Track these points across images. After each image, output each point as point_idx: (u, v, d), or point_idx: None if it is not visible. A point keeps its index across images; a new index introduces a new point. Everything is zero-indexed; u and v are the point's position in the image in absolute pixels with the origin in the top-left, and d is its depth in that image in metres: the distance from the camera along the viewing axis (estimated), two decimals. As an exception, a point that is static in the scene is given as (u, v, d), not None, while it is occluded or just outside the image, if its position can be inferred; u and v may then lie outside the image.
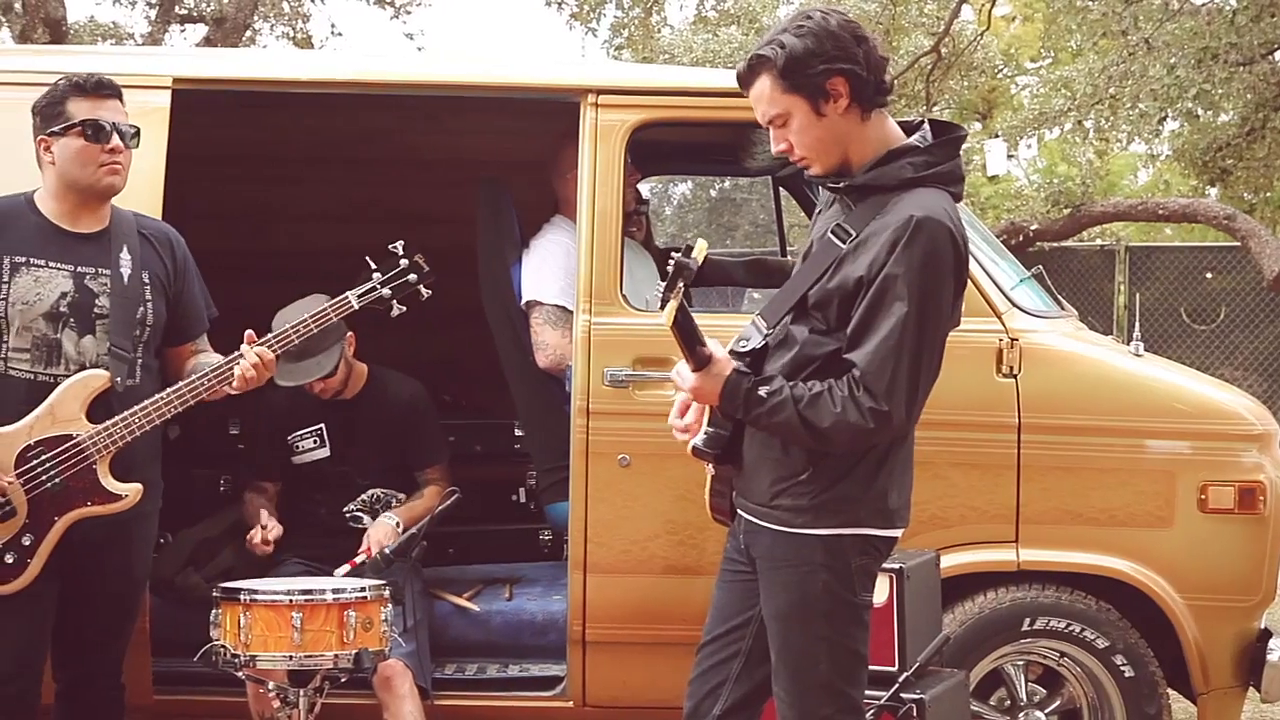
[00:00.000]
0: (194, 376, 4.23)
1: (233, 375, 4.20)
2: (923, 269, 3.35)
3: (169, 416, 4.20)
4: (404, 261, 4.37)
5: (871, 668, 4.20)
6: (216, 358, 4.32)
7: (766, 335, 3.53)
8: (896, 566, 4.29)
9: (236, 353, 4.22)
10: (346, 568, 4.70)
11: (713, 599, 3.76)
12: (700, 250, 3.32)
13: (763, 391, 3.39)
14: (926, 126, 3.55)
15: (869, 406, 3.34)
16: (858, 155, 3.49)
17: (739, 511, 3.64)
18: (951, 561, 4.73)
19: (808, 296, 3.47)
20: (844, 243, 3.44)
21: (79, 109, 4.20)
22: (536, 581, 5.65)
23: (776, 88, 3.42)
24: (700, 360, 3.42)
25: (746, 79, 3.48)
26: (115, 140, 4.22)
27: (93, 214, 4.29)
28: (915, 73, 16.25)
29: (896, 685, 4.19)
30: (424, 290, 4.39)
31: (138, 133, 4.32)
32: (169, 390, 4.19)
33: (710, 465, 3.66)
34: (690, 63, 16.37)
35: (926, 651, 4.34)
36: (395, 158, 6.52)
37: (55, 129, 4.21)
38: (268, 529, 4.97)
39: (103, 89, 4.25)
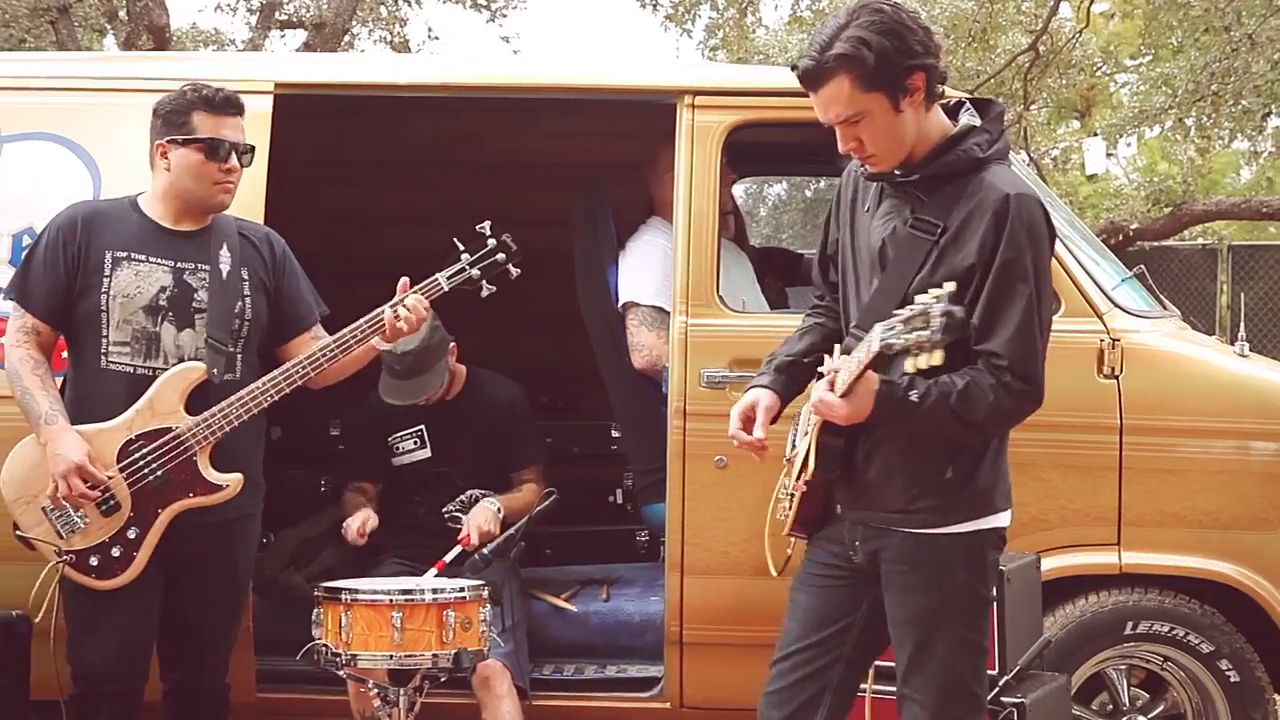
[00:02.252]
0: (324, 344, 4.26)
1: (384, 322, 4.22)
2: (1032, 245, 3.35)
3: (266, 405, 4.24)
4: (491, 241, 4.36)
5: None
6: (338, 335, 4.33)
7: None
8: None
9: (378, 313, 4.24)
10: (434, 570, 4.72)
11: (795, 607, 3.69)
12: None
13: (913, 396, 3.31)
14: (969, 105, 3.53)
15: (1021, 390, 3.34)
16: (921, 146, 3.44)
17: (849, 520, 3.57)
18: (1052, 564, 4.68)
19: (909, 295, 3.37)
20: (932, 234, 3.39)
21: (203, 124, 4.25)
22: (634, 582, 5.65)
23: (857, 87, 3.32)
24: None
25: (818, 79, 3.34)
26: (233, 160, 4.28)
27: (194, 219, 4.36)
28: (1013, 71, 16.08)
29: (997, 689, 4.15)
30: (513, 269, 4.37)
31: (252, 150, 4.38)
32: (264, 379, 4.23)
33: (801, 481, 3.58)
34: (785, 63, 16.26)
35: (1027, 655, 4.29)
36: (492, 160, 6.55)
37: (176, 138, 4.26)
38: (363, 520, 5.02)
39: (229, 106, 4.30)
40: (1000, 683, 4.17)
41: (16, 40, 15.90)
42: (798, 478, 3.58)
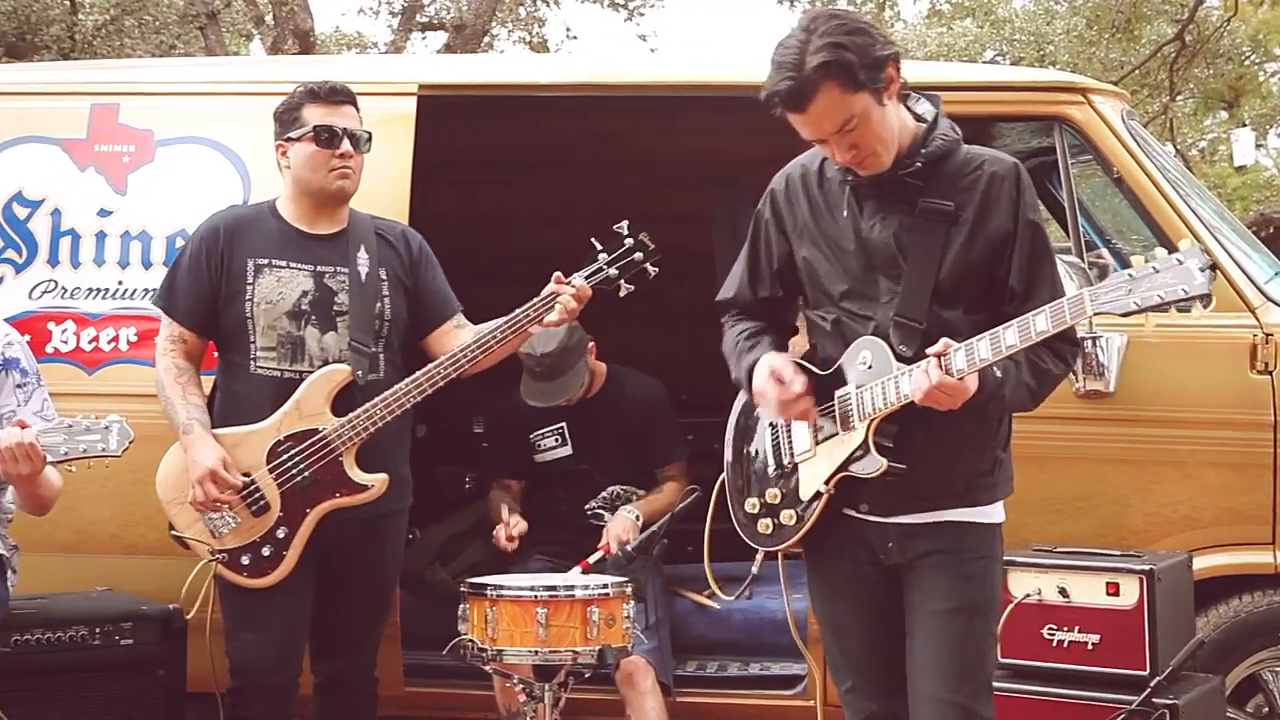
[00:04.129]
0: (464, 344, 4.29)
1: (555, 305, 4.25)
2: (1039, 208, 3.47)
3: (410, 406, 4.28)
4: (629, 240, 4.36)
5: (1121, 671, 4.13)
6: (489, 325, 4.37)
7: (924, 329, 3.40)
8: (1146, 568, 4.19)
9: (551, 291, 4.27)
10: (578, 569, 4.75)
11: (843, 627, 3.63)
12: None
13: (999, 373, 3.31)
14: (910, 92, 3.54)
15: (1071, 352, 3.40)
16: (904, 137, 3.44)
17: (877, 522, 3.51)
18: (1205, 563, 4.58)
19: (940, 280, 3.40)
20: (946, 215, 3.40)
21: (313, 115, 4.32)
22: (776, 579, 5.62)
23: (845, 91, 3.29)
24: None
25: (805, 95, 3.30)
26: (345, 145, 4.32)
27: (330, 217, 4.42)
28: (1158, 61, 15.83)
29: (1148, 690, 4.08)
30: (650, 268, 4.37)
31: (370, 138, 4.42)
32: (408, 381, 4.27)
33: (831, 485, 3.49)
34: (924, 57, 16.21)
35: (1179, 656, 4.21)
36: (631, 159, 6.56)
37: (291, 134, 4.34)
38: (511, 525, 5.05)
39: (336, 95, 4.36)
40: (1152, 684, 4.10)
41: (166, 46, 16.28)
42: (827, 481, 3.50)
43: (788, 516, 3.61)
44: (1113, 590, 4.23)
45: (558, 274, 4.30)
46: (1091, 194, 5.79)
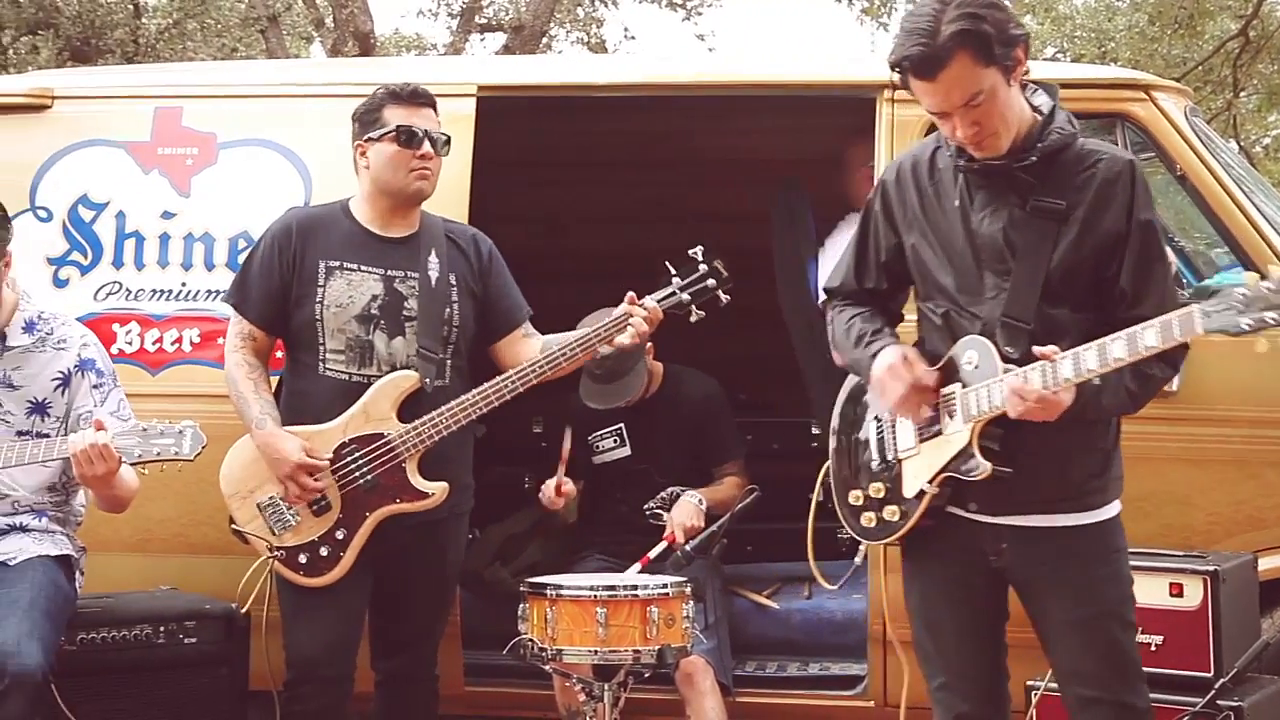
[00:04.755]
0: (534, 360, 4.29)
1: (627, 328, 4.24)
2: (1153, 207, 3.41)
3: (475, 417, 4.30)
4: (703, 266, 4.36)
5: (1184, 673, 4.10)
6: (557, 338, 4.38)
7: (1031, 330, 3.38)
8: (1210, 569, 4.16)
9: (625, 312, 4.27)
10: (638, 566, 4.75)
11: (941, 628, 3.61)
12: None
13: (1097, 380, 3.27)
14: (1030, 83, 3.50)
15: (1177, 353, 3.32)
16: (1020, 129, 3.40)
17: (988, 524, 3.49)
18: (1270, 564, 4.53)
19: (1050, 276, 3.37)
20: (1057, 212, 3.37)
21: (394, 116, 4.35)
22: (835, 579, 5.61)
23: (978, 63, 3.26)
24: None
25: (938, 63, 3.27)
26: (426, 146, 4.35)
27: (403, 219, 4.44)
28: (1221, 57, 15.68)
29: (1213, 692, 4.05)
30: (723, 296, 4.37)
31: (448, 140, 4.45)
32: (475, 393, 4.28)
33: (935, 484, 3.49)
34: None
35: (1244, 658, 4.17)
36: (690, 159, 6.57)
37: (371, 135, 4.36)
38: (562, 483, 5.06)
39: (418, 98, 4.39)
40: (1216, 686, 4.06)
41: (228, 49, 16.42)
42: (931, 480, 3.49)
43: (891, 512, 3.60)
44: (1176, 591, 4.20)
45: (631, 294, 4.31)
46: (1154, 192, 5.74)
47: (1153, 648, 4.18)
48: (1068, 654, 3.47)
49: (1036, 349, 3.26)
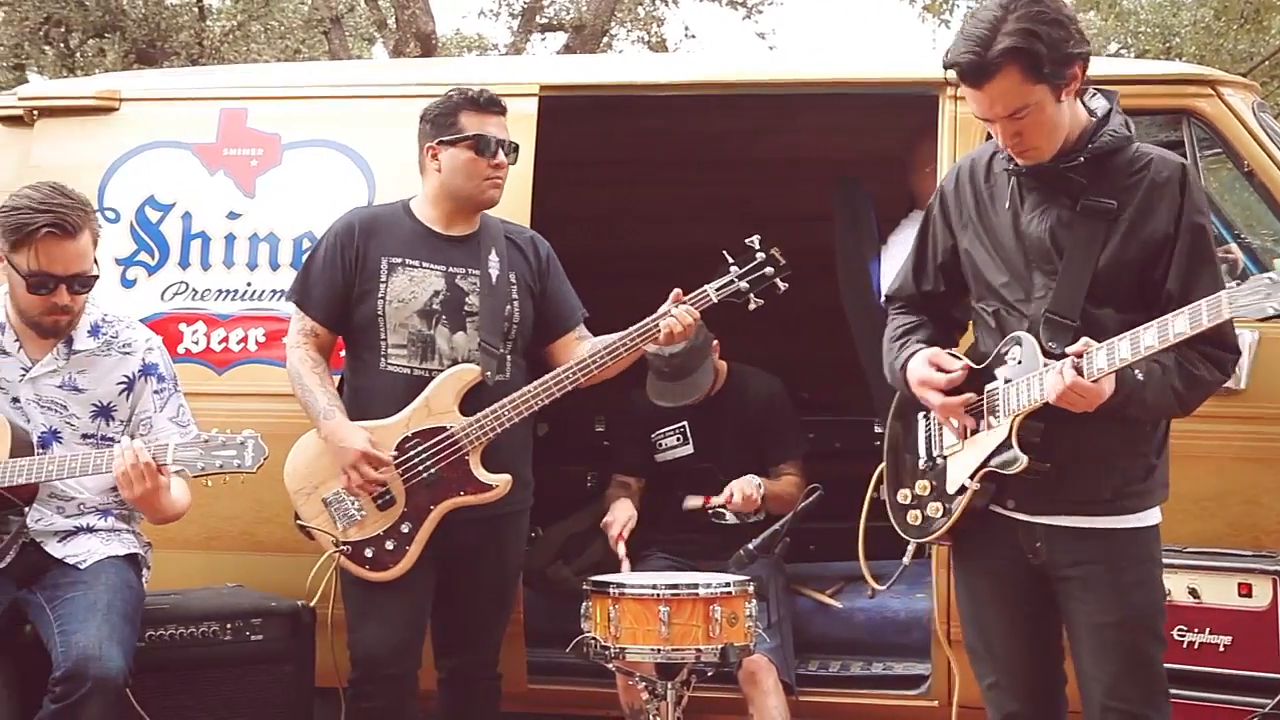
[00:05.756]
0: (596, 350, 4.33)
1: (659, 329, 4.28)
2: (1206, 211, 3.41)
3: (537, 409, 4.32)
4: (760, 255, 4.36)
5: (1253, 674, 4.06)
6: (608, 339, 4.40)
7: (1076, 327, 3.38)
8: (1278, 569, 4.11)
9: (658, 313, 4.30)
10: (698, 500, 4.76)
11: (988, 625, 3.62)
12: None
13: (1139, 375, 3.27)
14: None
15: (1227, 359, 3.34)
16: (1073, 132, 3.41)
17: (1025, 522, 3.49)
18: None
19: (1097, 276, 3.37)
20: (1108, 213, 3.37)
21: (470, 123, 4.37)
22: (900, 579, 5.59)
23: (1026, 80, 3.28)
24: None
25: (985, 74, 3.29)
26: (500, 156, 4.38)
27: (465, 220, 4.47)
28: (1289, 52, 15.50)
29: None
30: (780, 284, 4.37)
31: (517, 148, 4.48)
32: (536, 384, 4.31)
33: (977, 480, 3.49)
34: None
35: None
36: (751, 158, 6.56)
37: (445, 138, 4.38)
38: (625, 525, 5.07)
39: (493, 106, 4.42)
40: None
41: (292, 51, 16.55)
42: (972, 475, 3.49)
43: (934, 509, 3.62)
44: (1245, 591, 4.16)
45: (677, 291, 4.31)
46: (1220, 188, 5.69)
47: (1220, 648, 4.15)
48: (1091, 659, 3.45)
49: (1069, 349, 3.27)
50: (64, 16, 15.87)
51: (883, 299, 3.92)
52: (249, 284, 5.14)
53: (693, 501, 5.00)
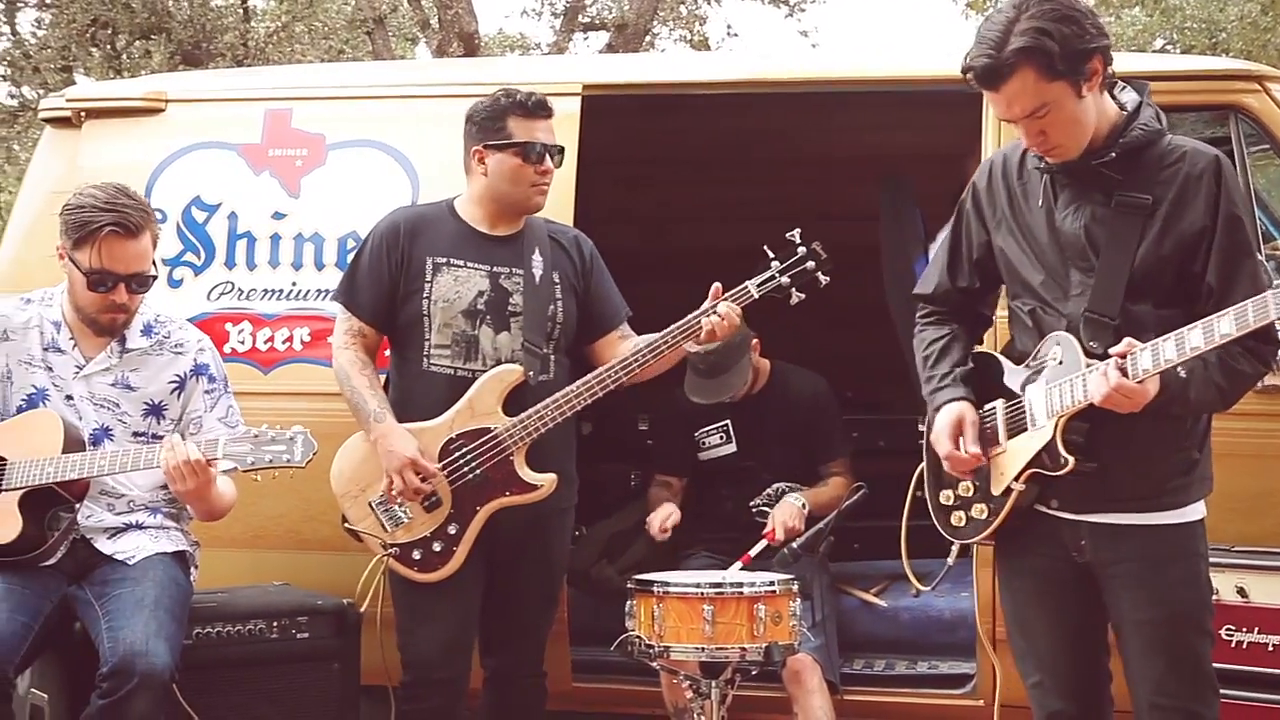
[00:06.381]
0: (638, 348, 4.32)
1: (700, 327, 4.27)
2: (1244, 203, 3.38)
3: (580, 408, 4.32)
4: (802, 249, 4.34)
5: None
6: (649, 338, 4.40)
7: (1116, 325, 3.36)
8: (1328, 563, 4.10)
9: (700, 310, 4.29)
10: (739, 564, 4.74)
11: (1029, 624, 3.62)
12: None
13: (1183, 373, 3.25)
14: (1119, 81, 3.48)
15: (1268, 352, 3.30)
16: (1101, 128, 3.39)
17: (1069, 520, 3.48)
18: None
19: (1135, 272, 3.35)
20: (1143, 208, 3.35)
21: (518, 128, 4.36)
22: (945, 578, 5.57)
23: (1041, 78, 3.27)
24: None
25: (999, 76, 3.29)
26: (547, 162, 4.38)
27: (510, 222, 4.47)
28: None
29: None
30: (822, 277, 4.35)
31: (563, 151, 4.48)
32: (579, 383, 4.31)
33: (1021, 480, 3.48)
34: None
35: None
36: (795, 156, 6.55)
37: (492, 143, 4.38)
38: (667, 516, 5.07)
39: (541, 110, 4.41)
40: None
41: (335, 51, 16.61)
42: (1017, 476, 3.47)
43: (979, 510, 3.61)
44: (1296, 590, 4.14)
45: (716, 286, 4.31)
46: (1268, 184, 5.65)
47: (1270, 648, 4.13)
48: (1138, 656, 3.44)
49: (1112, 350, 3.25)
50: (110, 18, 15.98)
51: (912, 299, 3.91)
52: (294, 284, 5.16)
53: (755, 549, 4.93)
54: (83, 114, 5.45)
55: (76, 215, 4.13)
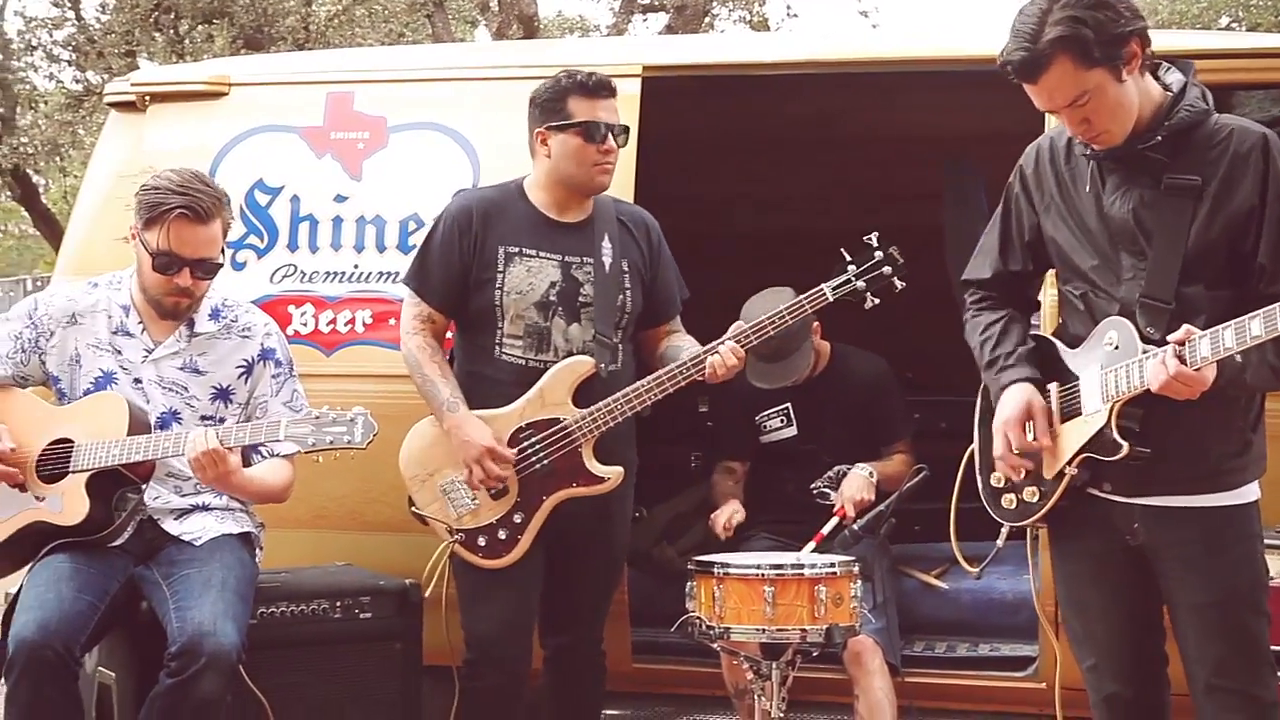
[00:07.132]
0: (672, 365, 4.32)
1: (705, 366, 4.28)
2: None
3: (650, 403, 4.32)
4: (879, 254, 4.34)
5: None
6: (689, 340, 4.41)
7: (1171, 309, 3.34)
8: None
9: (714, 344, 4.31)
10: (812, 544, 4.74)
11: (1086, 607, 3.61)
12: None
13: (1239, 357, 3.22)
14: (1163, 63, 3.46)
15: None
16: (1145, 111, 3.37)
17: (1122, 504, 3.46)
18: None
19: (1187, 254, 3.33)
20: (1192, 190, 3.32)
21: (580, 108, 4.35)
22: (1006, 560, 5.53)
23: (1079, 67, 3.26)
24: None
25: (1037, 68, 3.29)
26: (610, 141, 4.37)
27: (579, 205, 4.47)
28: None
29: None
30: (898, 282, 4.35)
31: (627, 130, 4.46)
32: (649, 379, 4.32)
33: (1074, 465, 3.47)
34: (1156, 25, 15.73)
35: None
36: (857, 138, 6.50)
37: (554, 124, 4.37)
38: (731, 515, 5.07)
39: (603, 90, 4.39)
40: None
41: (395, 34, 16.68)
42: (1070, 460, 3.46)
43: (1031, 494, 3.60)
44: (1351, 573, 4.08)
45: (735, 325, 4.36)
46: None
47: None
48: (1195, 639, 3.42)
49: (1170, 336, 3.22)
50: (174, 3, 16.12)
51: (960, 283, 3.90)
52: (356, 266, 5.18)
53: (827, 527, 4.92)
54: (147, 98, 5.49)
55: (150, 196, 4.17)
